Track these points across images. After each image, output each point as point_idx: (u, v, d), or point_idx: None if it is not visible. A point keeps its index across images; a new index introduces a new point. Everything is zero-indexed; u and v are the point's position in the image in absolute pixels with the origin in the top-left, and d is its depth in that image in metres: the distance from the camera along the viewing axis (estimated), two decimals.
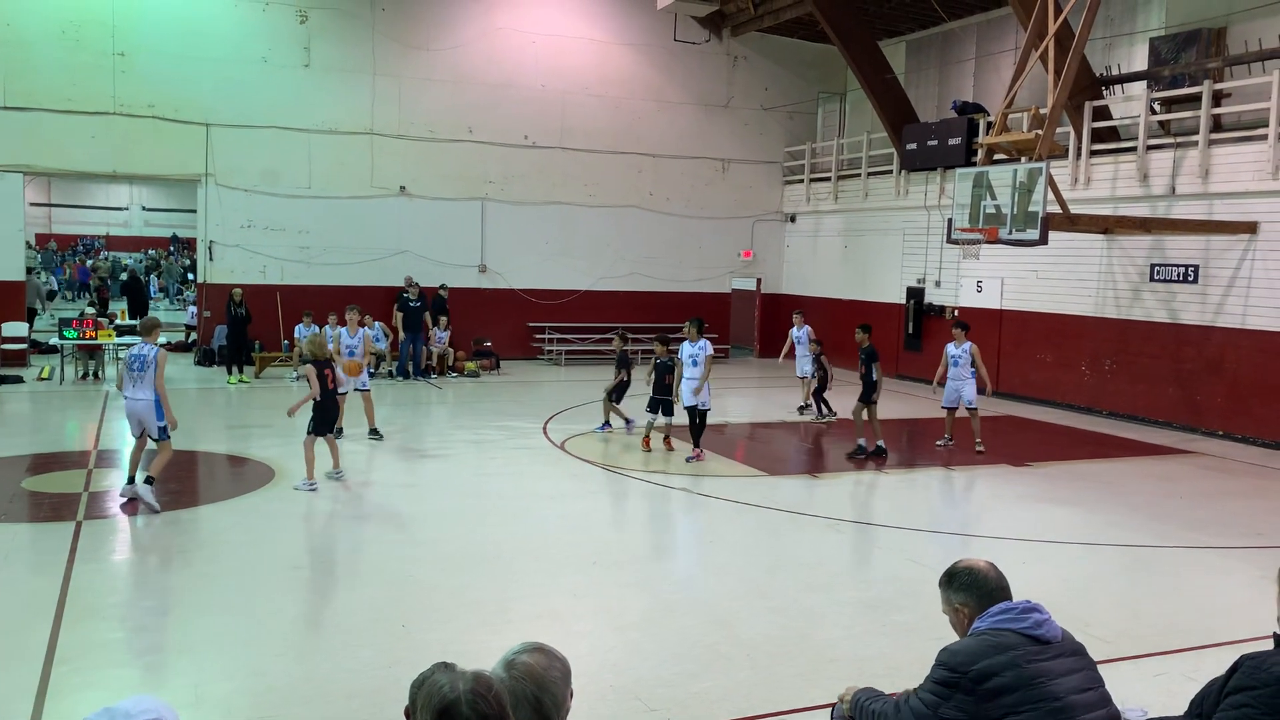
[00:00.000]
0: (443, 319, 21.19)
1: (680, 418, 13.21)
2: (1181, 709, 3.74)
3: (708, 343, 13.05)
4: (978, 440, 13.79)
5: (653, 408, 13.27)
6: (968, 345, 13.97)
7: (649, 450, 13.22)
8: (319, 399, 10.82)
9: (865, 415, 13.27)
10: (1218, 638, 6.86)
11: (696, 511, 10.60)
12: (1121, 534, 9.98)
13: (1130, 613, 7.57)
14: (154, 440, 9.87)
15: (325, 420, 11.01)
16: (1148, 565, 9.03)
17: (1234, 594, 8.10)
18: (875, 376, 13.29)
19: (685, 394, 12.88)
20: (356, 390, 13.58)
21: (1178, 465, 13.54)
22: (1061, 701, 3.20)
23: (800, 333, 17.56)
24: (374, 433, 13.55)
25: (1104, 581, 8.51)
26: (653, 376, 13.41)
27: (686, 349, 13.06)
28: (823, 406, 16.63)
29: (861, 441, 13.35)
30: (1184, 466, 13.46)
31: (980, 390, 14.21)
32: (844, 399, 16.74)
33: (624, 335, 15.17)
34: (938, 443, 14.17)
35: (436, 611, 7.15)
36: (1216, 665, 3.76)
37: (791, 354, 17.81)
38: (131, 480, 9.94)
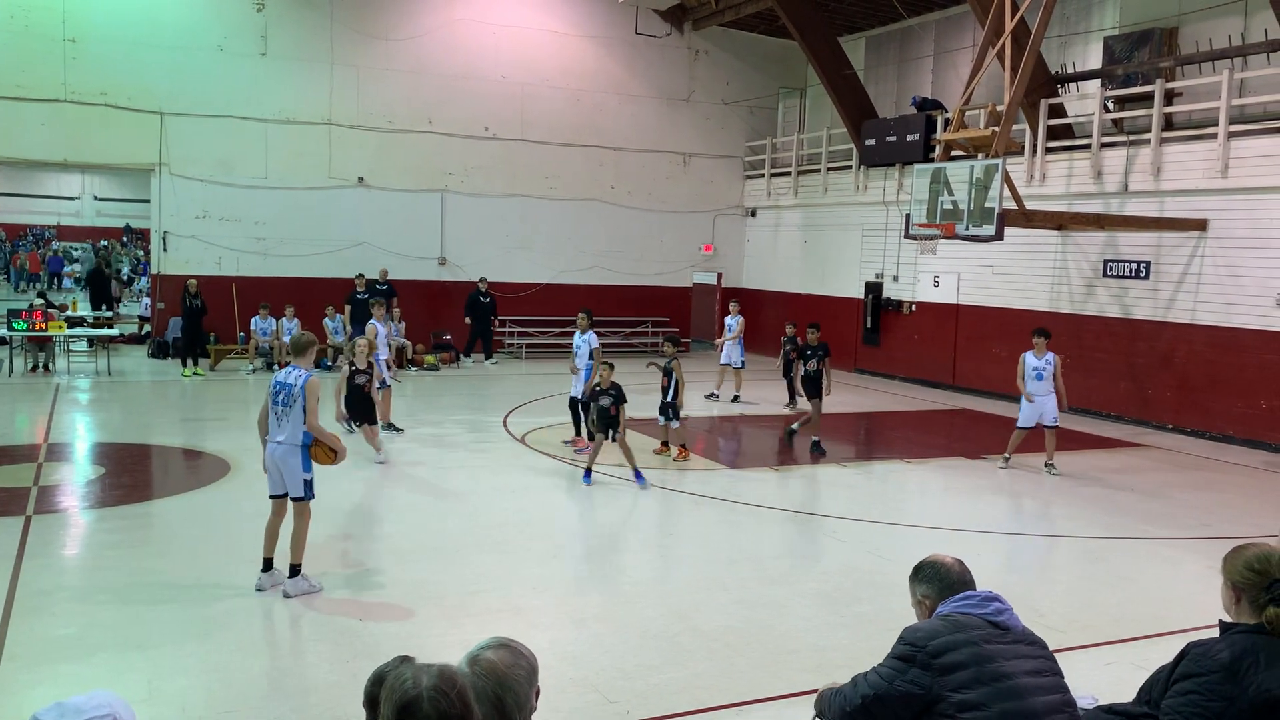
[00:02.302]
0: (396, 310, 21.06)
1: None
2: (1131, 696, 3.82)
3: (594, 335, 13.13)
4: (1050, 462, 12.47)
5: (660, 411, 12.57)
6: (1050, 356, 12.41)
7: (667, 452, 12.76)
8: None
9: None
10: (1167, 626, 7.00)
11: (656, 504, 10.61)
12: (1074, 525, 10.15)
13: (1082, 602, 7.70)
14: (292, 500, 7.36)
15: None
16: (1100, 556, 9.18)
17: (1183, 584, 8.27)
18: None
19: (576, 386, 12.99)
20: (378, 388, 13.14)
21: (1129, 458, 13.77)
22: (1014, 682, 3.26)
23: (732, 321, 17.71)
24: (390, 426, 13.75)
25: (1057, 572, 8.65)
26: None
27: (576, 339, 13.20)
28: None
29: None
30: (1135, 459, 13.69)
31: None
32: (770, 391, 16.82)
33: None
34: (999, 465, 12.62)
35: (395, 606, 7.11)
36: (1165, 653, 3.84)
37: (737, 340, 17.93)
38: (270, 566, 7.38)
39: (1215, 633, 3.50)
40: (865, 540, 9.47)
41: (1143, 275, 16.30)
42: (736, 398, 17.51)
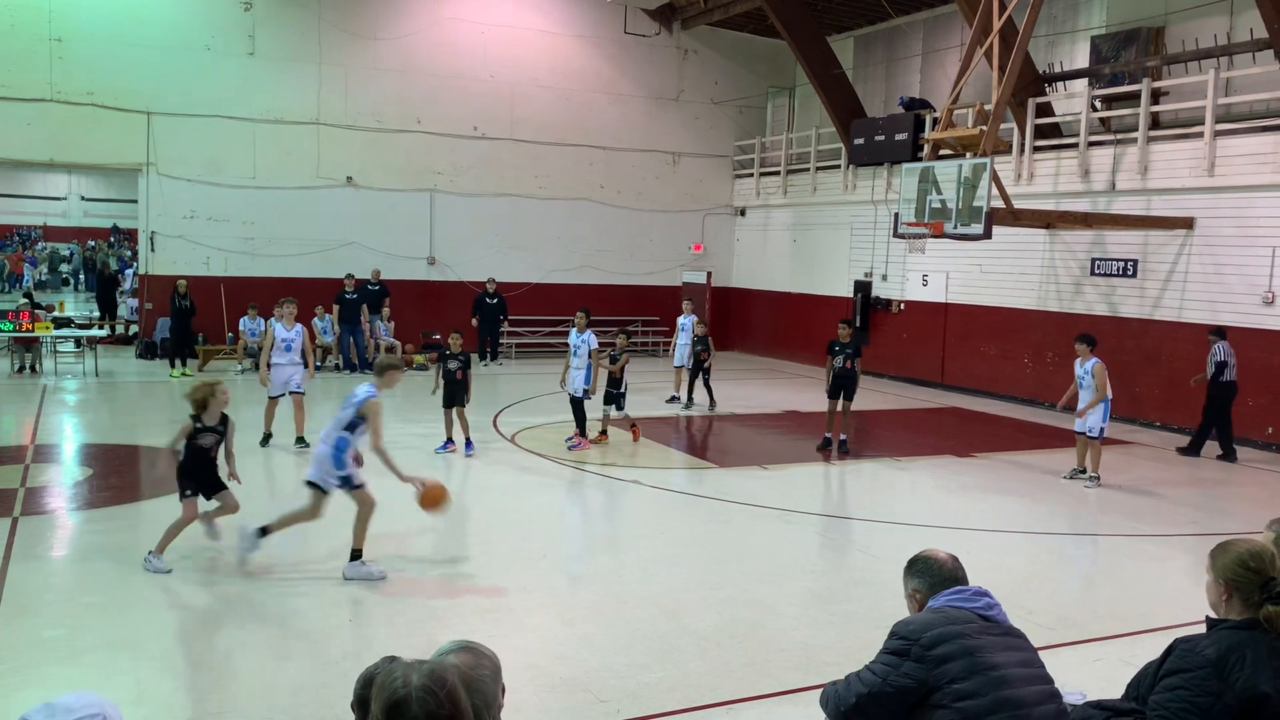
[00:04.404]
0: (385, 310, 21.07)
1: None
2: (1119, 692, 3.84)
3: (593, 335, 13.13)
4: (1095, 472, 11.86)
5: (606, 400, 13.41)
6: (1092, 363, 11.87)
7: (605, 442, 13.27)
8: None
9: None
10: (1154, 623, 7.03)
11: (646, 504, 10.62)
12: (1063, 523, 10.18)
13: (1070, 599, 7.73)
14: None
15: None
16: (1088, 553, 9.22)
17: (1170, 580, 8.31)
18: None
19: (571, 382, 13.10)
20: (291, 393, 12.40)
21: (1117, 456, 13.80)
22: (1005, 672, 3.30)
23: (687, 321, 17.09)
24: (300, 441, 12.26)
25: (1045, 569, 8.68)
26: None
27: (573, 337, 13.25)
28: (708, 394, 16.63)
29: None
30: (1123, 457, 13.74)
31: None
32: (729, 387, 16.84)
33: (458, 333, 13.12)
34: (1064, 476, 12.10)
35: (383, 606, 7.09)
36: (1153, 649, 3.86)
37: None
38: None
39: (1202, 629, 3.52)
40: (854, 538, 9.50)
41: (1130, 274, 16.37)
42: (686, 401, 16.81)
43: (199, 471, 7.89)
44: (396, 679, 2.17)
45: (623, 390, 13.37)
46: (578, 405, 13.04)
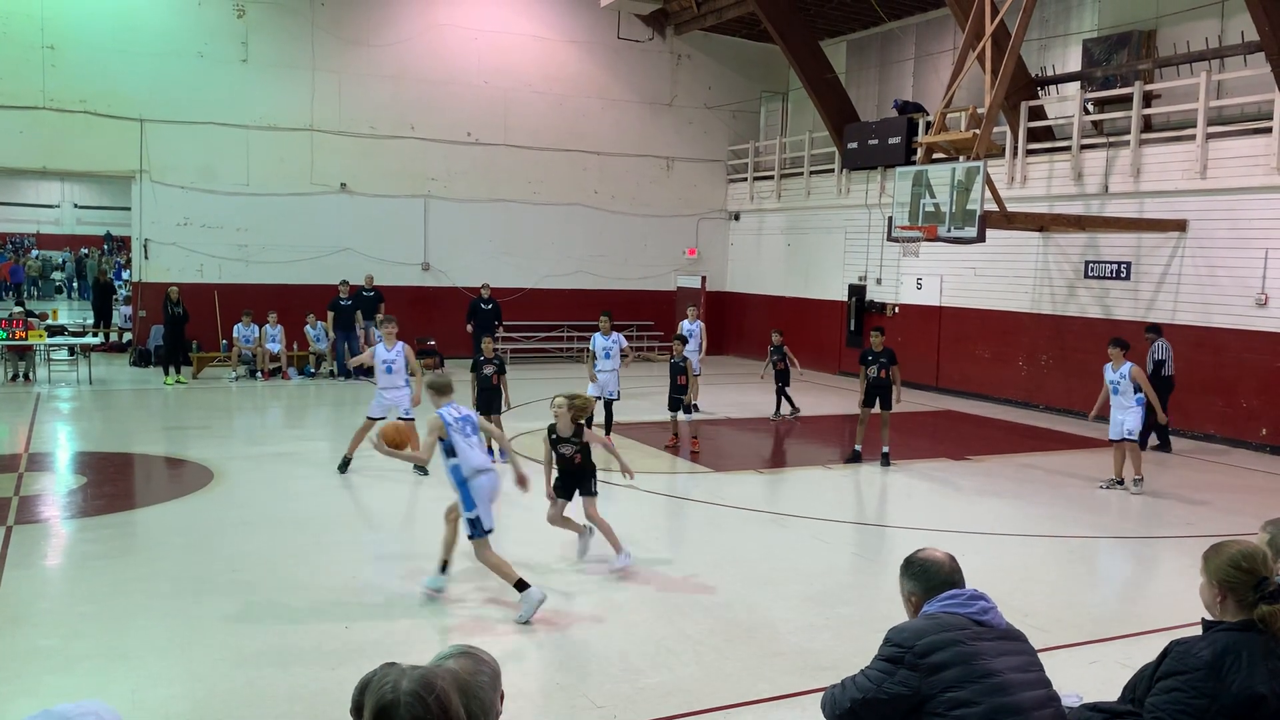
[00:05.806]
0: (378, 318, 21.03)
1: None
2: (1116, 695, 3.84)
3: (621, 336, 13.47)
4: (1137, 475, 11.66)
5: (672, 406, 13.43)
6: (1127, 367, 11.58)
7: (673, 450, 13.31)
8: None
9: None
10: (1150, 625, 7.04)
11: (642, 508, 10.61)
12: (1058, 525, 10.19)
13: (1066, 602, 7.73)
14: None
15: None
16: (1083, 555, 9.23)
17: (1165, 582, 8.32)
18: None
19: (604, 386, 13.24)
20: (401, 419, 10.97)
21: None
22: (1000, 678, 3.28)
23: (693, 327, 16.48)
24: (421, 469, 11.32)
25: (1041, 572, 8.68)
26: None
27: (599, 341, 13.30)
28: (788, 403, 16.47)
29: None
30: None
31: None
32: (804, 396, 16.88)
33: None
34: (1100, 485, 11.85)
35: (380, 613, 7.08)
36: (1149, 651, 3.86)
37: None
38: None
39: (1198, 631, 3.52)
40: (850, 542, 9.50)
41: (1123, 276, 16.41)
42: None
43: (565, 477, 8.36)
44: (387, 684, 2.17)
45: (685, 397, 13.34)
46: (608, 405, 13.26)
